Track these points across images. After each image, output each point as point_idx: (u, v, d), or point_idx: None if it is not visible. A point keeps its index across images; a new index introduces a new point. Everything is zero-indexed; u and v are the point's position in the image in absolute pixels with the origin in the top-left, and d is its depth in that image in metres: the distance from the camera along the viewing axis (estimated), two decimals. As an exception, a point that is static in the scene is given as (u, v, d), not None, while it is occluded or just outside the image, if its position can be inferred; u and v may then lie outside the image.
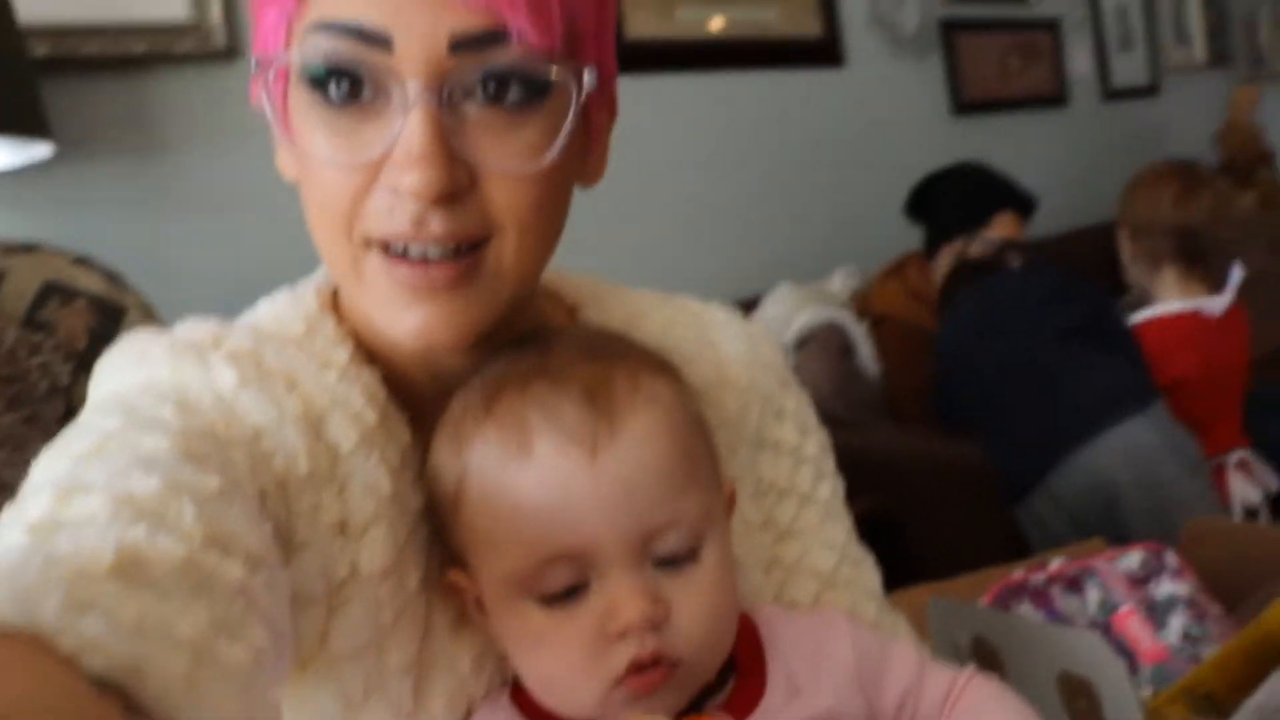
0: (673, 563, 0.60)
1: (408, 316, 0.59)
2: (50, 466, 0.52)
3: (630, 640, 0.58)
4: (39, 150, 1.70)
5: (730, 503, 0.67)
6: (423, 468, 0.66)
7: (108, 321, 1.44)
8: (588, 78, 0.59)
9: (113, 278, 1.49)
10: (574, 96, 0.59)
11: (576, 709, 0.61)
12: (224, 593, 0.46)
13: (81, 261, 1.48)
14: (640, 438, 0.60)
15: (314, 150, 0.59)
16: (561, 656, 0.59)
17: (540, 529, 0.58)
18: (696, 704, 0.63)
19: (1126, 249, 2.30)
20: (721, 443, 0.69)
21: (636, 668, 0.58)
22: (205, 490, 0.50)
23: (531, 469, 0.59)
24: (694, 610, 0.59)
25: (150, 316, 1.46)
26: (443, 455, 0.63)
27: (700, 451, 0.64)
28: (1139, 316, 2.22)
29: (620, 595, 0.58)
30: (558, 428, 0.59)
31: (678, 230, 2.66)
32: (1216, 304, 2.16)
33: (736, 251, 2.77)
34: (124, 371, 0.62)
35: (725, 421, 0.72)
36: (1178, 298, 2.20)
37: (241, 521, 0.51)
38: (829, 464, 0.79)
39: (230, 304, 0.73)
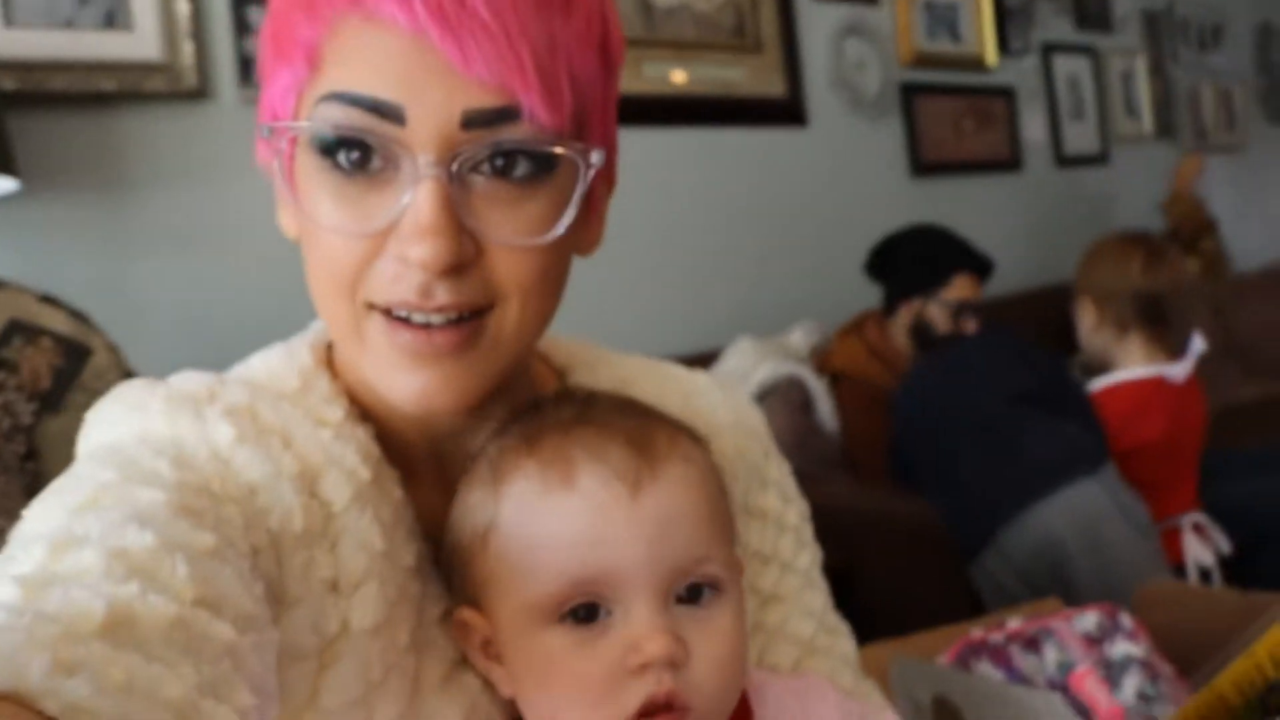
0: (695, 603, 0.61)
1: (409, 380, 0.60)
2: (44, 517, 0.52)
3: (648, 677, 0.58)
4: (4, 185, 1.69)
5: (740, 572, 0.68)
6: (414, 525, 0.66)
7: (73, 361, 1.42)
8: (595, 157, 0.61)
9: (79, 317, 1.47)
10: (581, 172, 0.61)
11: None
12: (213, 653, 0.46)
13: (48, 300, 1.46)
14: (678, 484, 0.61)
15: (320, 216, 0.59)
16: (576, 687, 0.59)
17: (576, 553, 0.59)
18: None
19: (1090, 316, 2.34)
20: None
21: (651, 708, 0.58)
22: (199, 548, 0.50)
23: (574, 497, 0.60)
24: (711, 657, 0.60)
25: (116, 356, 1.45)
26: (475, 495, 0.64)
27: (724, 513, 0.66)
28: (1102, 382, 2.26)
29: (645, 629, 0.59)
30: (603, 464, 0.60)
31: (640, 283, 2.68)
32: (1179, 370, 2.21)
33: (698, 305, 2.80)
34: (119, 422, 0.62)
35: None
36: (1142, 363, 2.25)
37: (233, 581, 0.51)
38: (808, 533, 0.81)
39: (197, 343, 0.73)
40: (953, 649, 1.26)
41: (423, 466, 0.69)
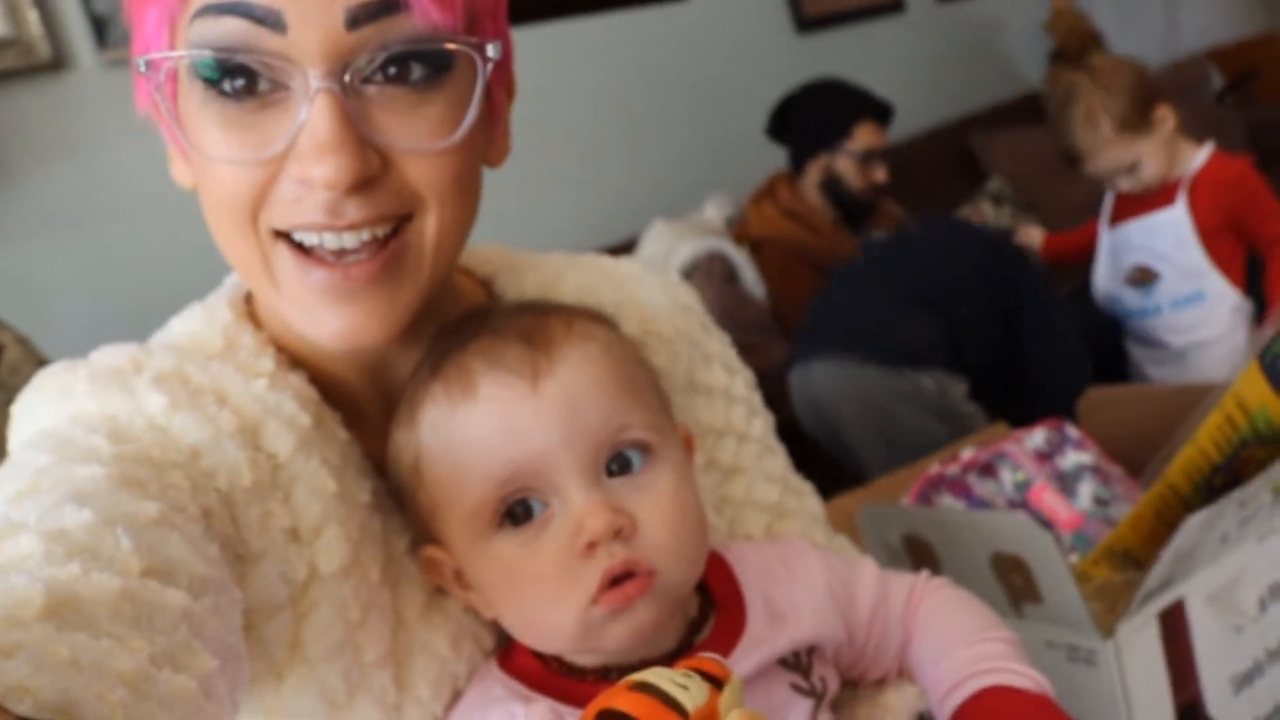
0: (627, 472, 0.61)
1: (329, 319, 0.58)
2: None
3: (599, 554, 0.59)
4: None
5: (689, 443, 0.69)
6: (363, 462, 0.66)
7: (-17, 360, 1.37)
8: (491, 50, 0.58)
9: (-21, 315, 1.42)
10: (480, 69, 0.58)
11: (563, 638, 0.61)
12: (167, 622, 0.45)
13: (-58, 303, 1.40)
14: (579, 363, 0.61)
15: (211, 149, 0.57)
16: (537, 584, 0.60)
17: (493, 455, 0.59)
18: (685, 645, 0.65)
19: (1170, 118, 2.04)
20: None
21: (610, 580, 0.59)
22: (143, 518, 0.49)
23: (477, 406, 0.60)
24: (658, 517, 0.61)
25: (28, 348, 1.40)
26: (399, 435, 0.64)
27: (642, 380, 0.65)
28: (1202, 157, 2.05)
29: (581, 509, 0.59)
30: (499, 367, 0.60)
31: (546, 180, 2.64)
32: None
33: (607, 196, 2.77)
34: (47, 408, 0.60)
35: (658, 371, 0.73)
36: (1194, 146, 2.07)
37: (183, 547, 0.50)
38: (757, 400, 0.81)
39: (109, 319, 0.71)
40: (914, 488, 1.29)
41: (365, 402, 0.68)
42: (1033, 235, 2.43)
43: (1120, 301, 2.17)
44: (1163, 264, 2.08)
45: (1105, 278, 2.20)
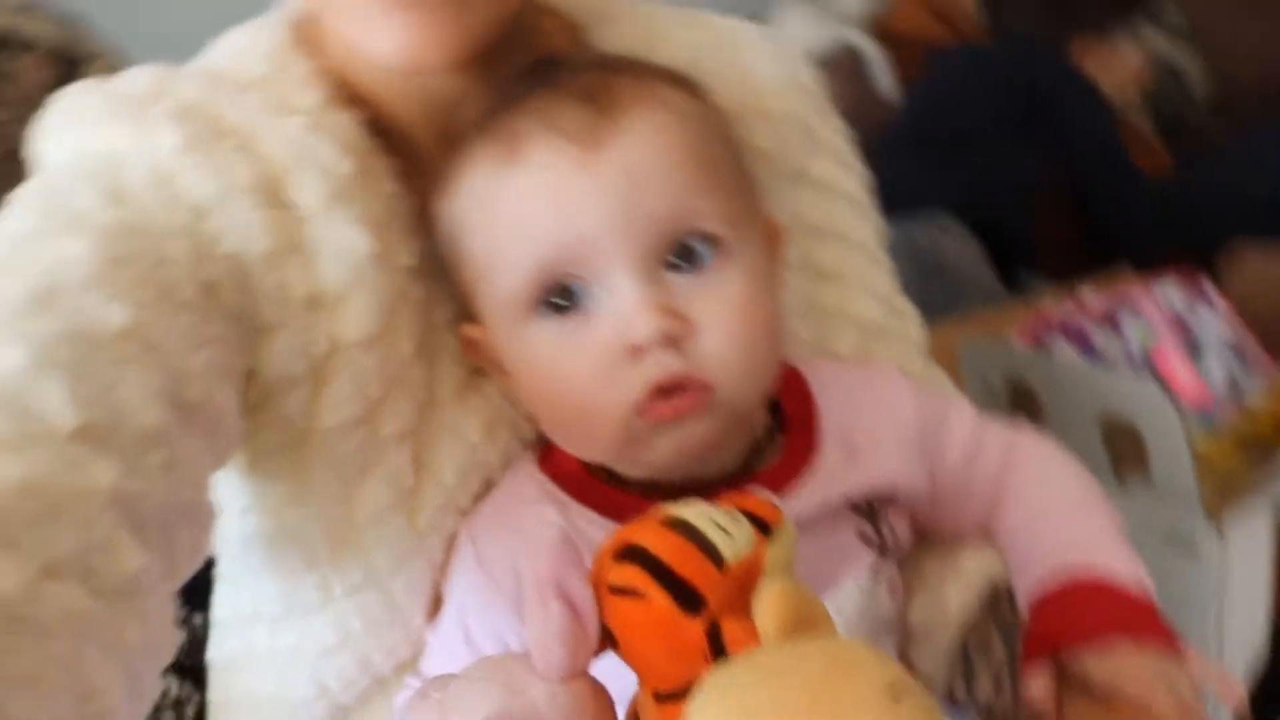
0: (691, 267, 0.53)
1: (389, 31, 0.53)
2: None
3: (647, 360, 0.52)
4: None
5: (776, 240, 0.61)
6: (412, 220, 0.60)
7: (67, 76, 1.32)
8: None
9: (67, 23, 1.36)
10: None
11: (600, 448, 0.56)
12: (85, 514, 0.38)
13: (25, 8, 1.34)
14: (648, 132, 0.53)
15: None
16: (575, 385, 0.54)
17: (536, 233, 0.53)
18: (746, 468, 0.58)
19: None
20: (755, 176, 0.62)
21: (659, 392, 0.52)
22: (104, 333, 0.44)
23: (523, 174, 0.53)
24: (722, 323, 0.53)
25: (115, 62, 1.35)
26: (441, 198, 0.58)
27: (726, 161, 0.57)
28: None
29: (629, 306, 0.52)
30: (552, 129, 0.53)
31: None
32: None
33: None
34: (56, 135, 0.56)
35: (759, 153, 0.65)
36: None
37: (140, 382, 0.44)
38: (870, 204, 0.73)
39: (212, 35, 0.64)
40: (1025, 327, 1.18)
41: (426, 151, 0.61)
42: None
43: None
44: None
45: None
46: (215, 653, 0.65)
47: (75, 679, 0.34)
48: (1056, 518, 0.60)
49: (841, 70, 2.18)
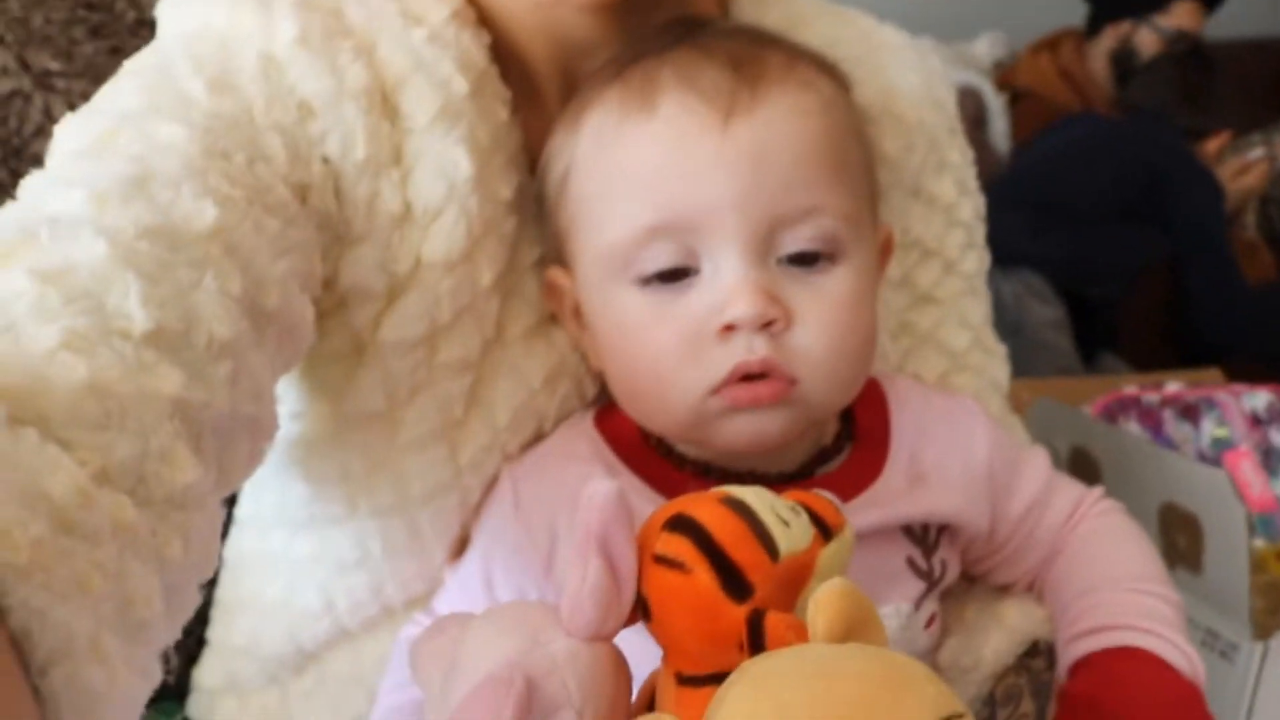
0: (801, 263, 0.51)
1: None
2: (59, 150, 0.47)
3: (737, 341, 0.50)
4: None
5: (886, 248, 0.59)
6: (518, 154, 0.58)
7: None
8: None
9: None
10: None
11: (669, 421, 0.54)
12: (147, 419, 0.36)
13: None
14: (785, 113, 0.51)
15: None
16: (657, 353, 0.52)
17: (651, 191, 0.51)
18: (806, 473, 0.56)
19: None
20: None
21: (742, 375, 0.50)
22: (189, 232, 0.42)
23: (654, 124, 0.51)
24: (820, 321, 0.51)
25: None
26: (559, 135, 0.56)
27: (857, 158, 0.55)
28: None
29: (731, 283, 0.50)
30: (691, 88, 0.51)
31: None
32: None
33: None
34: (180, 4, 0.54)
35: (883, 160, 0.62)
36: None
37: (215, 293, 0.41)
38: (980, 234, 0.70)
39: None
40: (1101, 400, 1.15)
41: (547, 89, 0.60)
42: None
43: None
44: None
45: None
46: (229, 551, 0.64)
47: (118, 587, 0.33)
48: (1118, 585, 0.57)
49: (962, 112, 2.14)
